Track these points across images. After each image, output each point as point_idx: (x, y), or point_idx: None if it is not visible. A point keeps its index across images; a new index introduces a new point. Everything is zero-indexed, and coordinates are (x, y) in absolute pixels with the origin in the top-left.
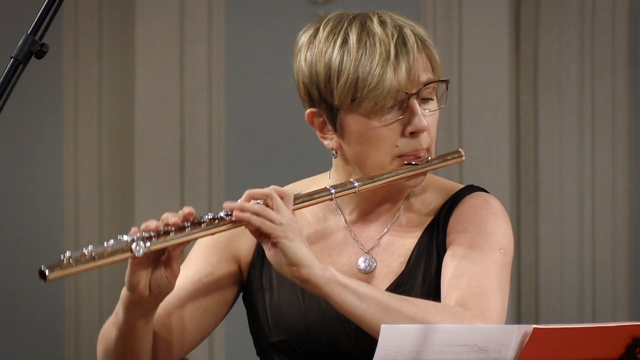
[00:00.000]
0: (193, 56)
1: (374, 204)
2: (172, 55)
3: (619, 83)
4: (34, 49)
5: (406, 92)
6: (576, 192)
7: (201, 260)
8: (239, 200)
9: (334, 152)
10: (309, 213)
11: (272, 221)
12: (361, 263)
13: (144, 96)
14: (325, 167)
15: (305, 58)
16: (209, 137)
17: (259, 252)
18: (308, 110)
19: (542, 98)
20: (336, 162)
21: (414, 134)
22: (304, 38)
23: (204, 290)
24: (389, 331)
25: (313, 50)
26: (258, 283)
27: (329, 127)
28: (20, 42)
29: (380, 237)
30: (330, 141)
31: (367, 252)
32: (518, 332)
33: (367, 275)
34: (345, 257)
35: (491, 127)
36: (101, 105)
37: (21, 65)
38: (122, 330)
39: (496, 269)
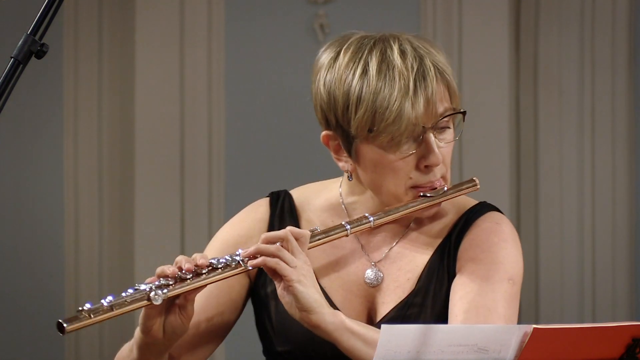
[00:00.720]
0: (193, 56)
1: None
2: (172, 55)
3: (619, 83)
4: (34, 49)
5: (423, 126)
6: (576, 192)
7: None
8: (257, 245)
9: (349, 174)
10: (318, 221)
11: (287, 263)
12: (368, 275)
13: (144, 96)
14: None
15: (324, 82)
16: (209, 137)
17: None
18: (324, 133)
19: (542, 98)
20: (348, 181)
21: (428, 167)
22: (324, 59)
23: (214, 301)
24: (389, 331)
25: (333, 75)
26: (265, 290)
27: (344, 151)
28: (20, 42)
29: (389, 250)
30: (345, 164)
31: (375, 265)
32: (518, 332)
33: (374, 287)
34: (353, 268)
35: (491, 127)
36: (101, 105)
37: (21, 65)
38: None
39: (505, 303)
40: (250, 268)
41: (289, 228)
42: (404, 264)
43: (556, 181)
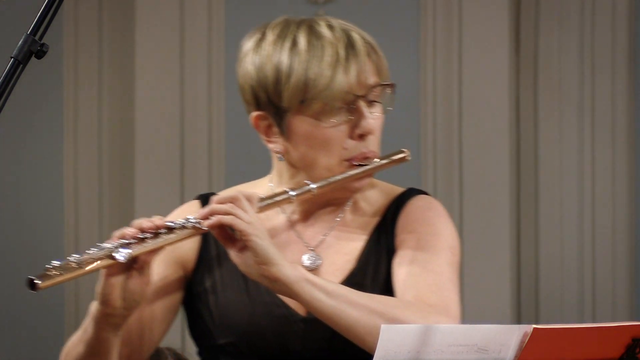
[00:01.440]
0: (193, 56)
1: (318, 205)
2: (172, 55)
3: (619, 83)
4: (34, 49)
5: (354, 95)
6: (576, 191)
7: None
8: (209, 206)
9: (279, 155)
10: (255, 219)
11: (242, 220)
12: (305, 260)
13: (144, 96)
14: None
15: (253, 62)
16: (209, 137)
17: (202, 255)
18: (253, 114)
19: (542, 98)
20: (280, 165)
21: (361, 137)
22: (249, 43)
23: (153, 298)
24: (388, 331)
25: (261, 53)
26: (202, 286)
27: (275, 129)
28: (20, 42)
29: (325, 236)
30: (275, 144)
31: (312, 250)
32: (518, 332)
33: (312, 272)
34: (290, 255)
35: (491, 126)
36: (101, 105)
37: (21, 65)
38: (91, 345)
39: (449, 267)
40: (205, 228)
41: (238, 190)
42: (341, 247)
43: (556, 181)
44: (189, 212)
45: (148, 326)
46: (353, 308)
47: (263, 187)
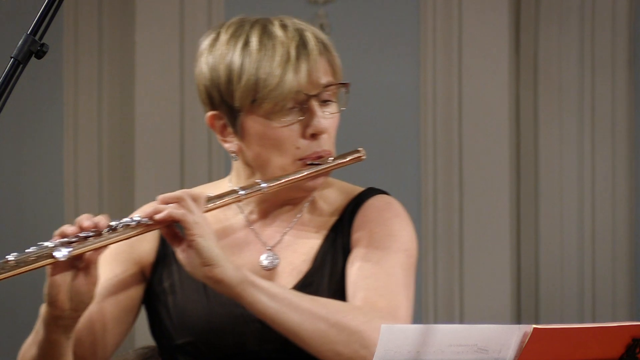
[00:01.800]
0: (193, 56)
1: (276, 204)
2: (172, 55)
3: (619, 83)
4: (34, 49)
5: (306, 94)
6: (576, 191)
7: (106, 272)
8: (153, 205)
9: (234, 155)
10: (212, 219)
11: (186, 220)
12: (263, 260)
13: (144, 96)
14: None
15: (207, 61)
16: (208, 137)
17: (160, 255)
18: (209, 114)
19: (542, 98)
20: (237, 165)
21: (314, 136)
22: (205, 43)
23: (111, 300)
24: (388, 331)
25: (215, 53)
26: (161, 286)
27: (230, 129)
28: (20, 42)
29: (283, 235)
30: (230, 144)
31: (270, 249)
32: (518, 332)
33: (269, 272)
34: (247, 254)
35: (491, 126)
36: (101, 105)
37: (21, 65)
38: (43, 348)
39: (402, 270)
40: (150, 222)
41: (184, 190)
42: (299, 247)
43: (556, 181)
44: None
45: (104, 328)
46: (295, 312)
47: (222, 187)
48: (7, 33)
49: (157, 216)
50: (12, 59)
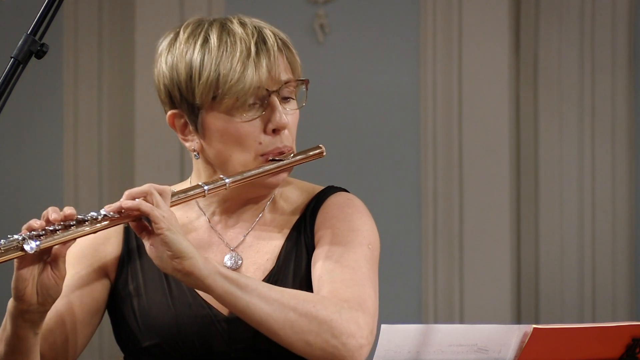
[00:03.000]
0: None
1: (237, 204)
2: None
3: (619, 83)
4: (34, 49)
5: (267, 90)
6: (576, 191)
7: (70, 273)
8: (121, 200)
9: (195, 153)
10: (176, 221)
11: (154, 213)
12: (227, 261)
13: (144, 96)
14: (324, 167)
15: (166, 61)
16: None
17: (125, 259)
18: (169, 113)
19: (542, 98)
20: (197, 164)
21: (275, 132)
22: (164, 43)
23: (77, 302)
24: (388, 331)
25: (174, 52)
26: (126, 289)
27: (190, 128)
28: (20, 42)
29: (246, 235)
30: (191, 143)
31: (233, 250)
32: (518, 332)
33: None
34: (211, 255)
35: (491, 127)
36: (101, 105)
37: (21, 65)
38: (11, 343)
39: (366, 264)
40: (115, 216)
41: (150, 184)
42: (262, 247)
43: (556, 181)
44: None
45: (72, 330)
46: (265, 302)
47: (182, 187)
48: (7, 33)
49: (125, 206)
50: (12, 59)
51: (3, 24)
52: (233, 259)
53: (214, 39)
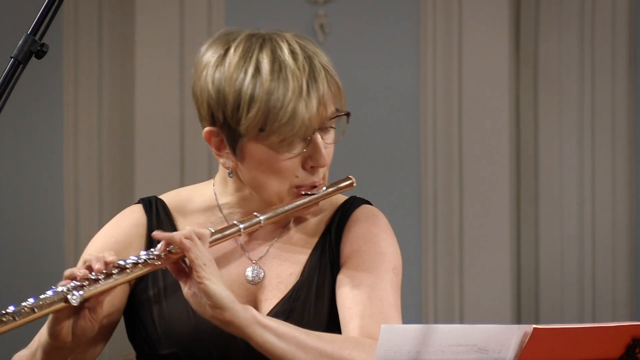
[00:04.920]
0: (193, 56)
1: None
2: (172, 55)
3: (619, 83)
4: (34, 49)
5: (312, 128)
6: (576, 192)
7: None
8: (159, 245)
9: (229, 172)
10: (196, 225)
11: (195, 262)
12: (249, 273)
13: (144, 96)
14: None
15: (212, 80)
16: None
17: None
18: (207, 129)
19: (542, 98)
20: (224, 173)
21: (314, 168)
22: (209, 56)
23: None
24: (389, 331)
25: (222, 73)
26: (145, 294)
27: (228, 148)
28: (20, 42)
29: (269, 248)
30: (226, 160)
31: (255, 262)
32: (518, 332)
33: (255, 285)
34: (233, 267)
35: (491, 127)
36: (101, 105)
37: (21, 65)
38: None
39: (392, 292)
40: (158, 264)
41: (190, 228)
42: (285, 260)
43: (556, 181)
44: (131, 217)
45: (94, 342)
46: (303, 351)
47: (206, 194)
48: (7, 33)
49: (170, 246)
50: (12, 59)
51: (3, 24)
52: (255, 271)
53: (265, 69)
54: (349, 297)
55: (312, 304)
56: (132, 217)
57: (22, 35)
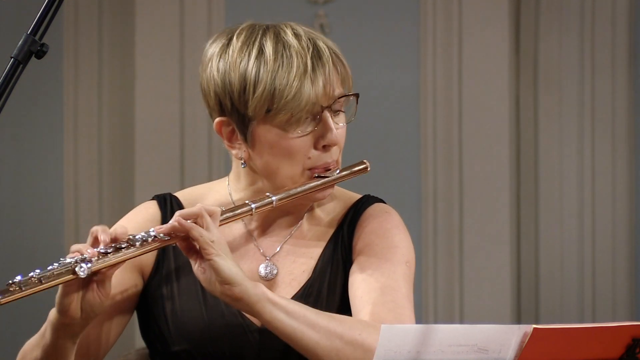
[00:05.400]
0: (193, 56)
1: (276, 213)
2: (172, 55)
3: (619, 83)
4: (34, 49)
5: (321, 105)
6: (576, 192)
7: None
8: (170, 222)
9: (242, 162)
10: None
11: (204, 238)
12: (262, 270)
13: (144, 96)
14: None
15: (217, 68)
16: (208, 137)
17: (160, 260)
18: (217, 119)
19: (542, 98)
20: (238, 168)
21: (325, 147)
22: (214, 48)
23: (111, 304)
24: (389, 331)
25: (226, 59)
26: (158, 290)
27: (239, 136)
28: (20, 42)
29: (282, 245)
30: (238, 151)
31: (269, 259)
32: (518, 332)
33: (268, 282)
34: (247, 263)
35: (491, 127)
36: (101, 105)
37: (21, 65)
38: (47, 351)
39: (405, 283)
40: (165, 237)
41: (201, 205)
42: (298, 257)
43: (556, 181)
44: (145, 212)
45: (105, 332)
46: (313, 329)
47: (220, 191)
48: (7, 33)
49: (175, 229)
50: (12, 59)
51: (3, 24)
52: (268, 268)
53: (269, 50)
54: (361, 287)
55: (324, 300)
56: (147, 212)
57: (22, 35)
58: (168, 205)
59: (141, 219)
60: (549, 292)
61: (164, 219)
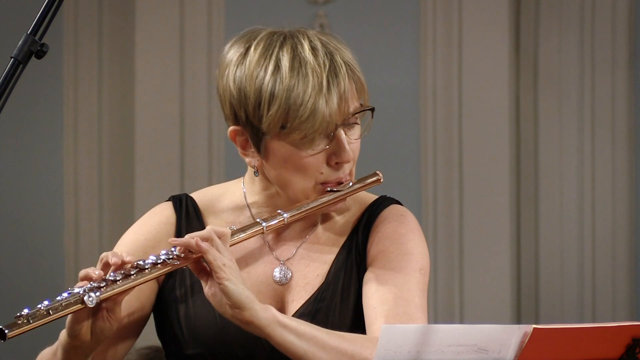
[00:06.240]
0: (193, 56)
1: None
2: (172, 55)
3: (619, 83)
4: (34, 49)
5: (335, 123)
6: (576, 192)
7: None
8: (184, 239)
9: (255, 171)
10: (224, 223)
11: (215, 262)
12: (276, 274)
13: (144, 96)
14: None
15: (234, 78)
16: (209, 137)
17: None
18: (231, 128)
19: (542, 98)
20: (251, 173)
21: (338, 164)
22: (232, 55)
23: (124, 305)
24: (389, 331)
25: (243, 71)
26: (172, 294)
27: (252, 147)
28: (20, 42)
29: (297, 249)
30: (252, 159)
31: (283, 263)
32: (518, 332)
33: (282, 286)
34: (261, 267)
35: (491, 127)
36: (101, 105)
37: (21, 65)
38: None
39: (419, 292)
40: (175, 262)
41: (211, 227)
42: (312, 261)
43: (556, 181)
44: (160, 214)
45: (118, 334)
46: (324, 350)
47: (235, 192)
48: (7, 33)
49: (189, 248)
50: (12, 59)
51: (3, 24)
52: (282, 272)
53: (285, 66)
54: (375, 297)
55: (337, 305)
56: (162, 215)
57: (22, 35)
58: (183, 207)
59: (156, 222)
60: (549, 292)
61: (179, 221)
